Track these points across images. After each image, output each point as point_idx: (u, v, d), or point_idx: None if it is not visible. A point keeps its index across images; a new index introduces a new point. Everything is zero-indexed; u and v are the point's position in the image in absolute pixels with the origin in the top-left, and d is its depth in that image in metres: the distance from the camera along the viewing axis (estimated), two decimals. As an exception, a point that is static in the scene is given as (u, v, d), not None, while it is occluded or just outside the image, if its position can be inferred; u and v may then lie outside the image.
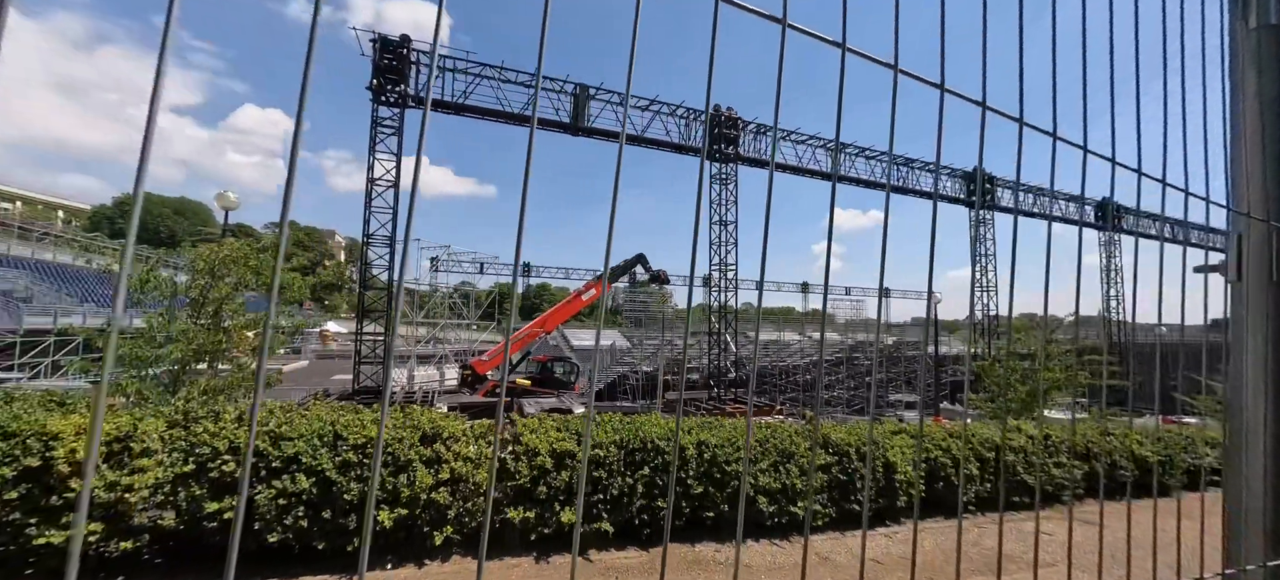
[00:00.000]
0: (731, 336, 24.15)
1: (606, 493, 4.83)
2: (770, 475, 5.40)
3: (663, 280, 25.25)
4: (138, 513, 3.66)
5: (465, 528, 4.54)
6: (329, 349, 33.81)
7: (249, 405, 4.74)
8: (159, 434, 3.90)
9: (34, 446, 3.55)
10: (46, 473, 3.55)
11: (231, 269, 7.71)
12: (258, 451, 3.94)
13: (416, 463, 4.33)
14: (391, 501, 4.21)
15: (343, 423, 4.36)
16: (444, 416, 4.93)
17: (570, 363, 22.67)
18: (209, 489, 3.81)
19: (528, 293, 73.75)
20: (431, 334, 26.24)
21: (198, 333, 6.93)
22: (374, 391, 18.35)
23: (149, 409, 4.29)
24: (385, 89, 19.91)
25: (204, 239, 8.17)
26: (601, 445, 4.92)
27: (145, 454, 3.79)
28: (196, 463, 3.84)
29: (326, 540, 4.01)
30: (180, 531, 3.79)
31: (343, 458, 4.12)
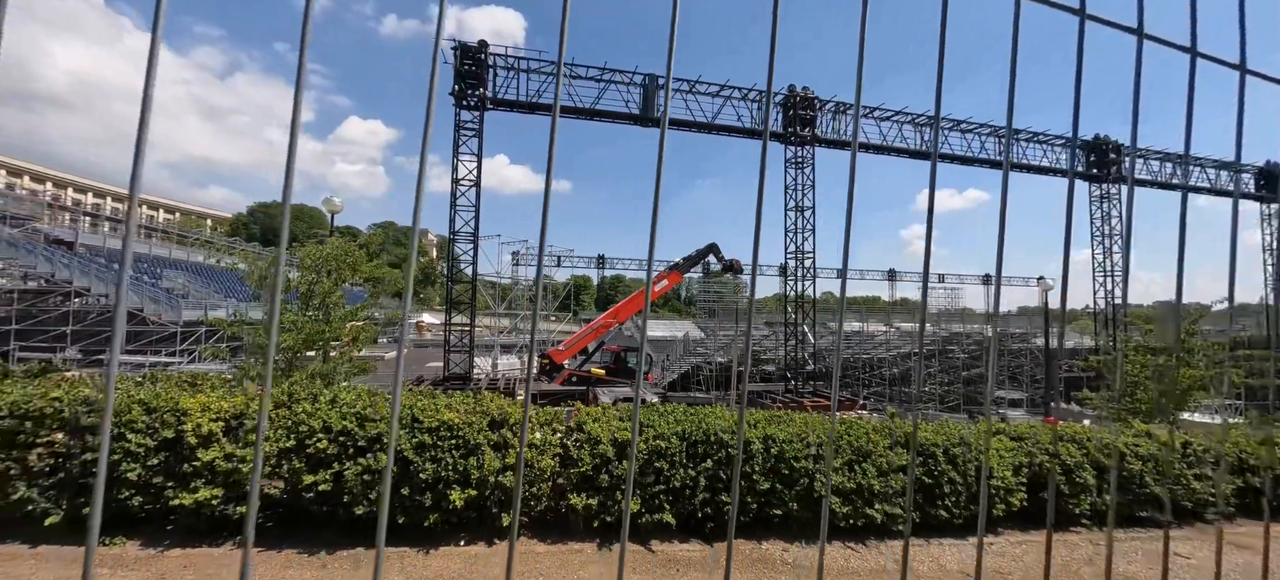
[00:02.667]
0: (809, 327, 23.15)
1: (668, 484, 4.77)
2: (844, 474, 5.07)
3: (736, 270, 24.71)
4: (247, 481, 4.12)
5: (531, 511, 4.69)
6: (424, 338, 36.65)
7: (341, 389, 5.20)
8: (268, 414, 4.37)
9: (170, 421, 4.12)
10: (179, 443, 4.10)
11: (334, 266, 8.52)
12: (345, 432, 4.30)
13: (485, 447, 4.53)
14: (463, 483, 4.43)
15: (419, 407, 4.65)
16: (511, 403, 5.11)
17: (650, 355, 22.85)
18: (306, 463, 4.22)
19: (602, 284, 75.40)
20: (513, 325, 27.56)
21: (306, 323, 7.74)
22: (462, 378, 19.62)
23: (256, 394, 4.82)
24: (466, 94, 21.04)
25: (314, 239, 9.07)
26: (663, 436, 4.86)
27: (256, 431, 4.27)
28: (297, 439, 4.27)
29: (406, 515, 4.30)
30: (285, 500, 4.24)
31: (419, 439, 4.39)
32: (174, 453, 4.08)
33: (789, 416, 5.61)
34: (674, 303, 51.85)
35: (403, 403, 4.75)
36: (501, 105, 22.22)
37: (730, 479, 4.85)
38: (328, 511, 4.27)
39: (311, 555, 4.05)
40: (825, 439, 5.19)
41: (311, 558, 4.02)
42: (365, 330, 8.65)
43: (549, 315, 28.57)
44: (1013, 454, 5.73)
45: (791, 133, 23.31)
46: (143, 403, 4.15)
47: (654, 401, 16.79)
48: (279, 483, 4.29)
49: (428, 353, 34.88)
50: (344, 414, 4.39)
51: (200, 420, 4.12)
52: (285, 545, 4.16)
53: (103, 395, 4.18)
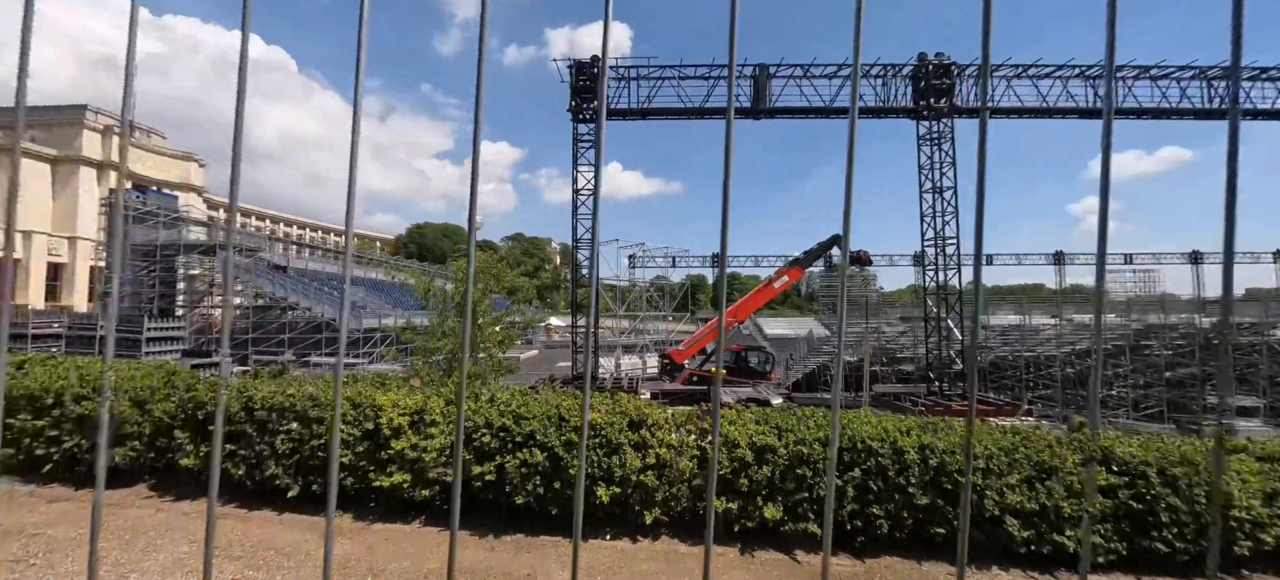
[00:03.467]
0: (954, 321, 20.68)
1: (812, 492, 4.56)
2: (1022, 492, 4.43)
3: (863, 262, 22.95)
4: (431, 469, 4.73)
5: (672, 511, 4.77)
6: (552, 340, 39.52)
7: (496, 388, 5.75)
8: (440, 410, 5.00)
9: (369, 414, 4.88)
10: (377, 434, 4.84)
11: (480, 277, 9.52)
12: (504, 428, 4.74)
13: (625, 446, 4.70)
14: (606, 479, 4.65)
15: (566, 406, 4.97)
16: (647, 404, 5.25)
17: (765, 352, 22.20)
18: (474, 456, 4.73)
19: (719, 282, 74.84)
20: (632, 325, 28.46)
21: (462, 329, 8.72)
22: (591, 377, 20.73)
23: (431, 390, 5.52)
24: (582, 108, 22.17)
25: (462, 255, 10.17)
26: (805, 442, 4.66)
27: (433, 425, 4.90)
28: (465, 434, 4.80)
29: (558, 507, 4.63)
30: (457, 487, 4.79)
31: (566, 437, 4.70)
32: (373, 441, 4.83)
33: (949, 424, 5.05)
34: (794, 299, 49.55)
35: (550, 402, 5.13)
36: (615, 115, 23.05)
37: (881, 491, 4.49)
38: (492, 499, 4.74)
39: (481, 538, 4.53)
40: (996, 449, 4.57)
41: (481, 540, 4.50)
42: (509, 334, 9.52)
43: (667, 315, 29.04)
44: (1261, 479, 4.57)
45: (924, 106, 21.05)
46: (350, 399, 4.97)
47: (777, 403, 16.22)
48: (448, 472, 4.87)
49: (556, 353, 37.42)
50: (502, 412, 4.85)
51: (391, 415, 4.82)
52: (462, 527, 4.70)
53: (328, 391, 5.08)
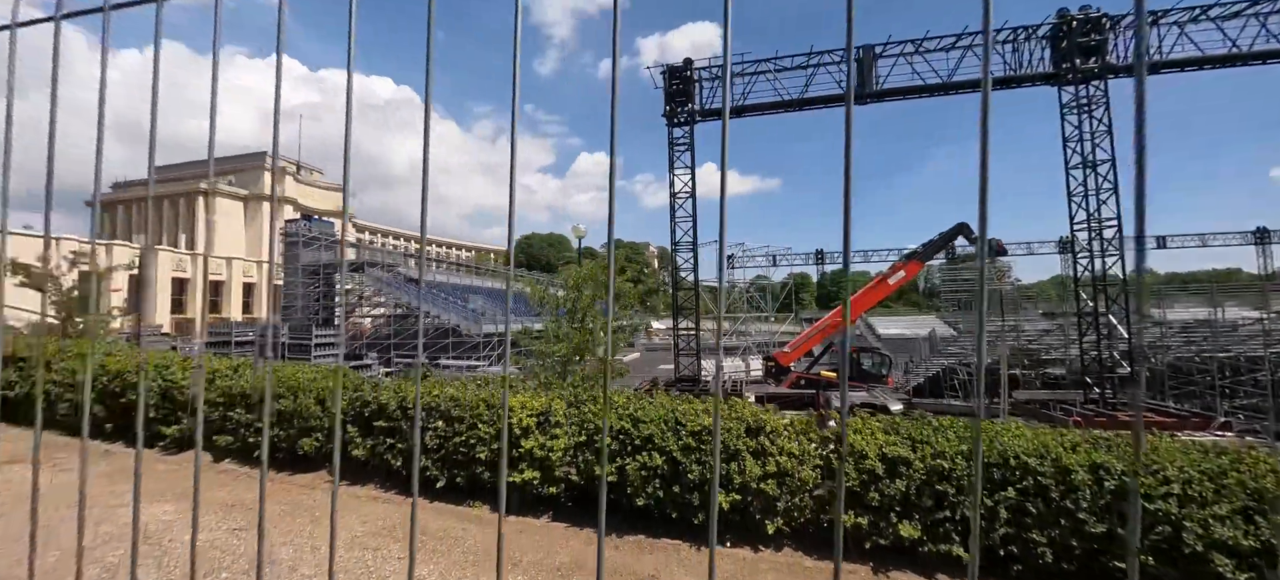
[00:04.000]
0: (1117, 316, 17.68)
1: (955, 512, 4.14)
2: (1234, 525, 3.66)
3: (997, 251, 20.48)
4: (557, 467, 5.02)
5: (794, 522, 4.60)
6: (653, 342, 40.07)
7: (618, 392, 5.95)
8: (563, 412, 5.28)
9: (501, 414, 5.30)
10: (508, 432, 5.24)
11: (588, 284, 9.96)
12: (623, 431, 4.89)
13: (744, 453, 4.63)
14: (725, 485, 4.60)
15: (681, 411, 5.01)
16: (764, 410, 5.12)
17: (880, 354, 20.67)
18: (595, 457, 4.93)
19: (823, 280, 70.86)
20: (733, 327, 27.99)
21: (573, 334, 9.20)
22: (691, 379, 20.71)
23: (555, 393, 5.86)
24: (676, 112, 22.29)
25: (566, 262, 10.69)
26: (945, 455, 4.25)
27: (557, 426, 5.19)
28: (586, 435, 5.03)
29: (677, 511, 4.67)
30: (582, 485, 5.03)
31: (684, 442, 4.73)
32: (509, 440, 5.23)
33: (1121, 438, 4.33)
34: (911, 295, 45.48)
35: (664, 405, 5.20)
36: (710, 116, 22.88)
37: (1044, 514, 3.96)
38: (614, 499, 4.91)
39: (605, 536, 4.71)
40: (1197, 473, 3.82)
41: (606, 539, 4.68)
42: (618, 338, 9.83)
43: (769, 316, 28.15)
44: None
45: (1068, 69, 18.28)
46: (484, 400, 5.44)
47: (896, 409, 14.97)
48: (574, 472, 5.13)
49: (658, 356, 37.92)
50: (620, 415, 5.01)
51: (521, 416, 5.20)
52: (585, 524, 4.94)
53: (465, 391, 5.61)
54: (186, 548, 4.17)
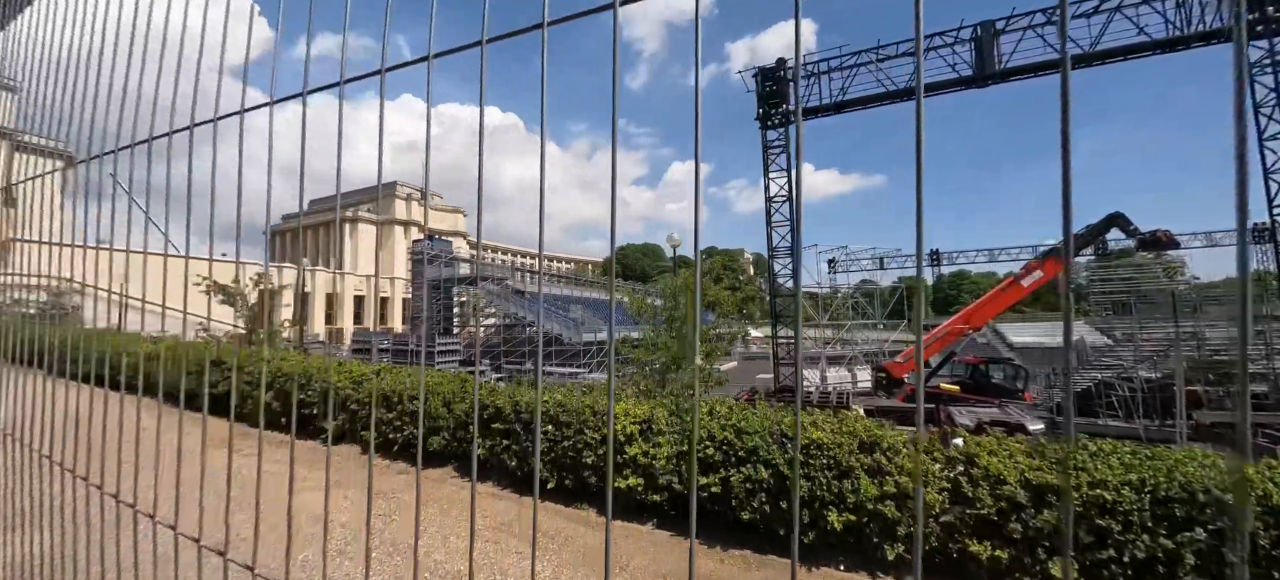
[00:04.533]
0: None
1: (1123, 552, 3.54)
2: None
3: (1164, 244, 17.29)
4: (661, 475, 5.07)
5: (917, 548, 4.22)
6: (750, 351, 39.06)
7: (713, 400, 5.89)
8: (665, 420, 5.33)
9: (606, 420, 5.47)
10: (615, 439, 5.40)
11: (685, 292, 9.96)
12: (727, 441, 4.82)
13: (858, 470, 4.34)
14: (838, 504, 4.35)
15: (787, 423, 4.83)
16: (878, 425, 4.77)
17: (1014, 365, 18.35)
18: (699, 467, 4.91)
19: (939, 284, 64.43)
20: (837, 335, 26.42)
21: (671, 343, 9.25)
22: (793, 390, 19.88)
23: (656, 401, 5.94)
24: (770, 114, 21.69)
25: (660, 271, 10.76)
26: (1106, 484, 3.66)
27: (660, 434, 5.25)
28: (690, 445, 5.03)
29: (785, 528, 4.49)
30: (685, 495, 5.03)
31: (792, 455, 4.55)
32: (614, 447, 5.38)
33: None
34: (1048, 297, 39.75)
35: (768, 417, 5.04)
36: (807, 114, 21.97)
37: (1237, 564, 3.25)
38: (718, 511, 4.85)
39: (710, 548, 4.66)
40: None
41: (710, 550, 4.63)
42: (716, 347, 9.73)
43: (877, 323, 26.18)
44: None
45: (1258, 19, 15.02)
46: (589, 406, 5.66)
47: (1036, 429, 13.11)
48: (676, 481, 5.14)
49: (755, 365, 36.90)
50: (723, 425, 4.95)
51: (624, 423, 5.33)
52: (688, 534, 4.92)
53: (571, 397, 5.88)
54: (343, 528, 4.80)
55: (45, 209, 2.19)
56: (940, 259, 37.25)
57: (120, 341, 2.24)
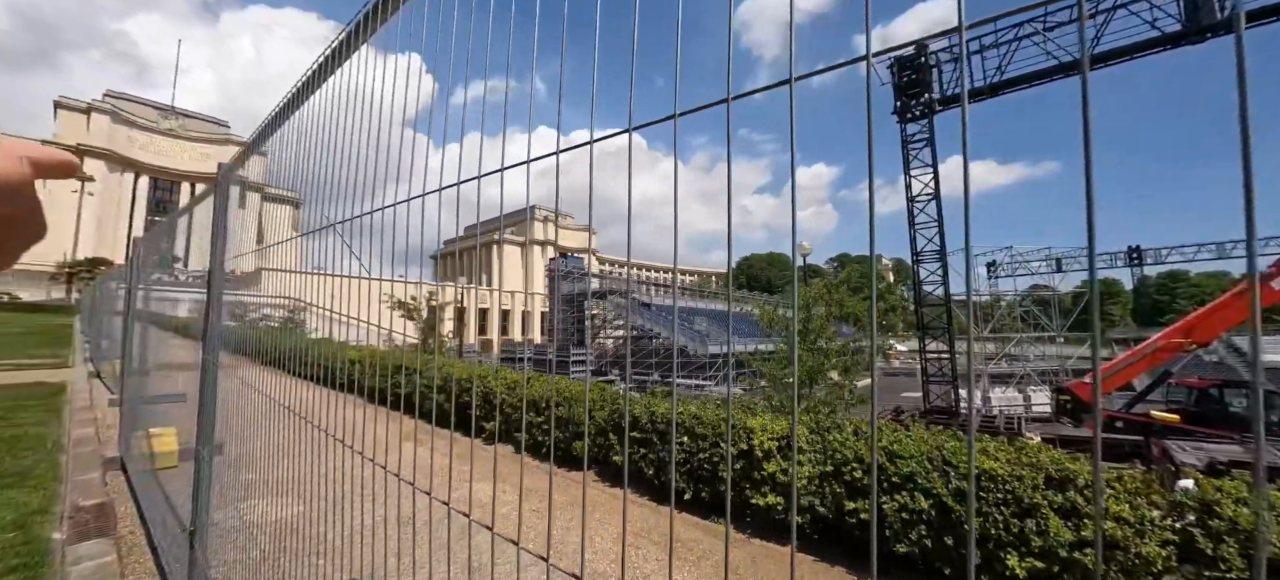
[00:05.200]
0: None
1: None
2: None
3: None
4: (802, 495, 4.87)
5: (1133, 610, 3.51)
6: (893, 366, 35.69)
7: (857, 419, 5.52)
8: (805, 438, 5.12)
9: (742, 436, 5.41)
10: (751, 455, 5.31)
11: (818, 303, 9.49)
12: (878, 465, 4.47)
13: (1045, 508, 3.75)
14: (1018, 545, 3.79)
15: (950, 449, 4.35)
16: (1071, 457, 4.07)
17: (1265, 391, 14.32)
18: (846, 490, 4.63)
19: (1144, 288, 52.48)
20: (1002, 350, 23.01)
21: (806, 357, 8.86)
22: (945, 412, 17.70)
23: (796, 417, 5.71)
24: (909, 106, 19.81)
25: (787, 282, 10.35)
26: None
27: (800, 452, 5.05)
28: (834, 465, 4.77)
29: (952, 567, 4.03)
30: (828, 519, 4.77)
31: (956, 485, 4.08)
32: (748, 461, 5.31)
33: None
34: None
35: (928, 441, 4.58)
36: (951, 102, 19.72)
37: None
38: (865, 539, 4.51)
39: (860, 579, 4.35)
40: None
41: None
42: (854, 362, 9.09)
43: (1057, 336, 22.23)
44: None
45: None
46: (724, 419, 5.64)
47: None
48: (819, 503, 4.89)
49: (898, 381, 33.59)
50: (872, 446, 4.60)
51: (761, 439, 5.22)
52: (834, 560, 4.65)
53: (706, 410, 5.93)
54: (503, 518, 5.35)
55: (281, 242, 2.81)
56: (1142, 256, 30.58)
57: (331, 349, 2.81)
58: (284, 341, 2.80)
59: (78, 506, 4.19)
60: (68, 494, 4.57)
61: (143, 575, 3.48)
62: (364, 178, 1.75)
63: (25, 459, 5.43)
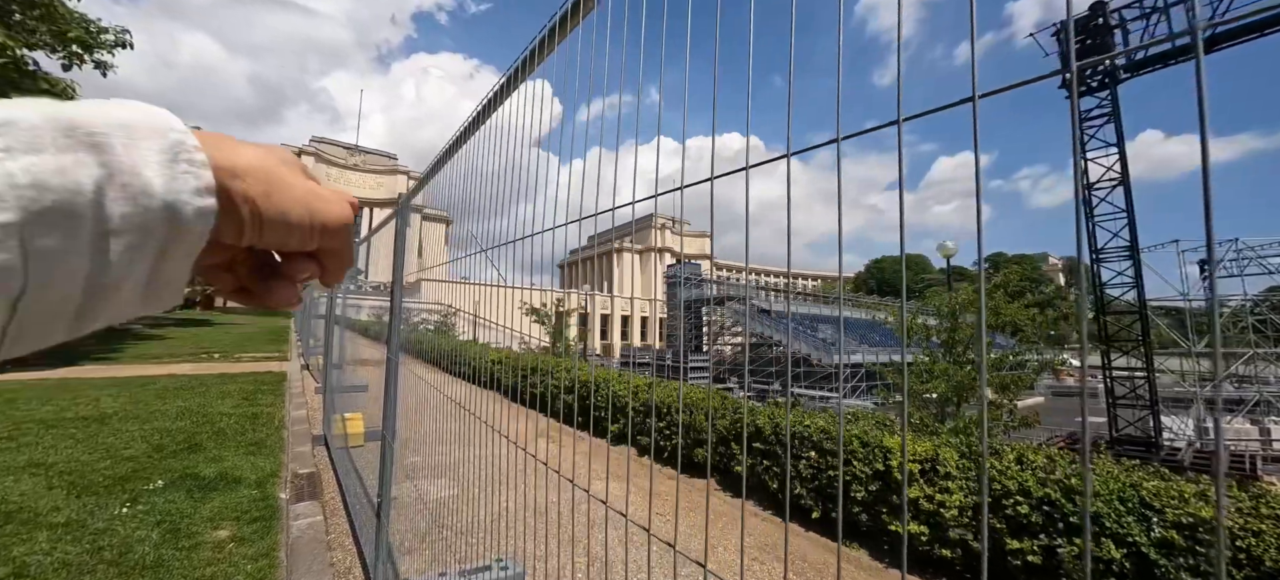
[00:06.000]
0: None
1: None
2: None
3: None
4: (951, 528, 4.35)
5: None
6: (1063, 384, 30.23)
7: (1021, 445, 4.79)
8: (955, 463, 4.56)
9: (878, 456, 4.99)
10: (887, 476, 4.88)
11: (967, 310, 8.39)
12: (1048, 501, 3.84)
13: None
14: (1260, 620, 2.99)
15: (1149, 488, 3.59)
16: (1344, 514, 3.12)
17: None
18: (1006, 525, 4.03)
19: None
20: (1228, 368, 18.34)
21: (953, 371, 7.88)
22: (1140, 442, 14.57)
23: (942, 439, 5.14)
24: (1084, 76, 16.78)
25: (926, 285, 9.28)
26: None
27: (948, 478, 4.52)
28: (991, 496, 4.18)
29: (1156, 633, 3.31)
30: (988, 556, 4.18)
31: (1161, 535, 3.35)
32: (884, 484, 4.88)
33: None
34: None
35: (1118, 478, 3.83)
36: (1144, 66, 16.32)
37: None
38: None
39: (1028, 630, 3.76)
40: None
41: (1029, 633, 3.73)
42: (1017, 378, 7.88)
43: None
44: None
45: None
46: (857, 436, 5.25)
47: None
48: (972, 537, 4.31)
49: (1071, 402, 28.49)
50: (1042, 479, 3.96)
51: (901, 459, 4.76)
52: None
53: (836, 425, 5.58)
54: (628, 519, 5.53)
55: (435, 256, 3.20)
56: None
57: (476, 350, 3.12)
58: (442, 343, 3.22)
59: (296, 474, 5.19)
60: (288, 463, 5.68)
61: (341, 534, 4.19)
62: (501, 194, 1.95)
63: (262, 432, 6.86)
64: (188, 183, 0.29)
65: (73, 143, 0.26)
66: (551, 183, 1.55)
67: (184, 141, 0.30)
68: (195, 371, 12.39)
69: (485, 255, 2.17)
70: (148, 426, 6.87)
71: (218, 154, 0.32)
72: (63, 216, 0.24)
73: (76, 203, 0.25)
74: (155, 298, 0.31)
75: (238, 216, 0.32)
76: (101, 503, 4.26)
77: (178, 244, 0.29)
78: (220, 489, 4.69)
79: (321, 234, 0.37)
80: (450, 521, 3.64)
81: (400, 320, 2.76)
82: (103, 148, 0.26)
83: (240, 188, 0.32)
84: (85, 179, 0.25)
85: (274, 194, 0.34)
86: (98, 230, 0.26)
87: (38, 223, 0.24)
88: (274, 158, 0.35)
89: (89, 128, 0.26)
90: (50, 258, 0.24)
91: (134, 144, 0.28)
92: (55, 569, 3.22)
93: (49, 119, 0.25)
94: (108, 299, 0.28)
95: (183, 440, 6.28)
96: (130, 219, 0.27)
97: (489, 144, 1.98)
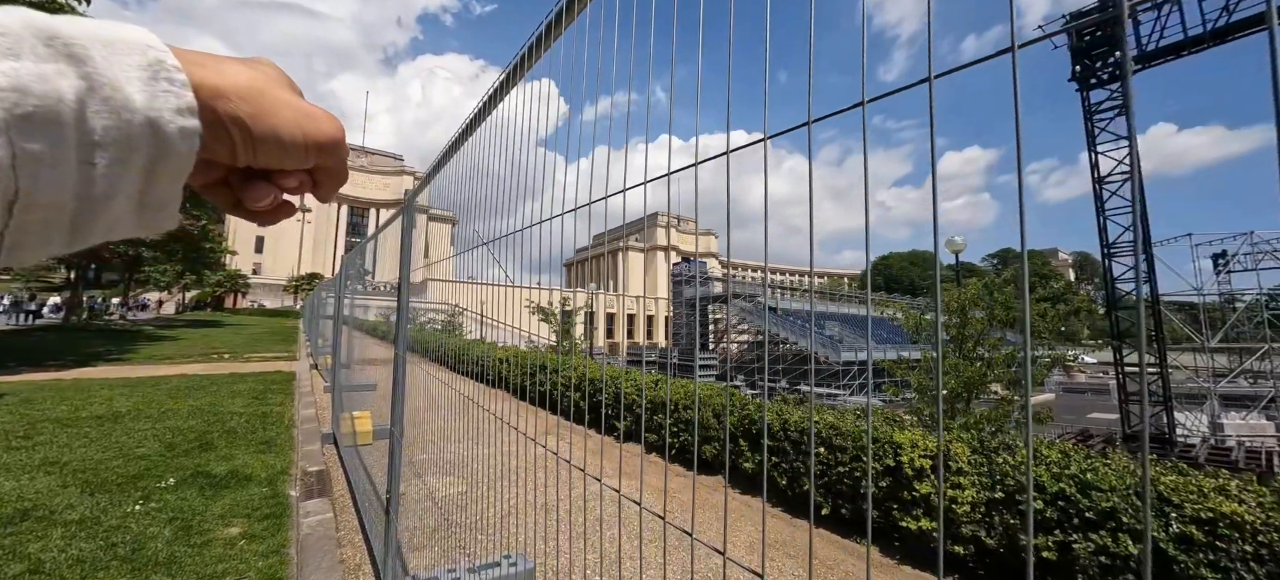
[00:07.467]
0: None
1: None
2: None
3: None
4: (963, 524, 4.30)
5: None
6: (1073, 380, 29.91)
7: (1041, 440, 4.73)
8: (967, 458, 4.51)
9: (888, 451, 4.94)
10: (898, 472, 4.83)
11: (976, 306, 8.31)
12: (1065, 496, 3.79)
13: (1327, 572, 2.85)
14: (1283, 617, 2.93)
15: (1168, 482, 3.53)
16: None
17: None
18: (1021, 521, 3.98)
19: None
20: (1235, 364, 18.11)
21: (963, 367, 7.81)
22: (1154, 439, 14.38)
23: (953, 434, 5.08)
24: (1093, 69, 16.61)
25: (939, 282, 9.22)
26: None
27: (960, 473, 4.47)
28: (1004, 492, 4.14)
29: (1175, 630, 3.25)
30: (1001, 553, 4.15)
31: (1180, 530, 3.29)
32: (895, 479, 4.84)
33: None
34: None
35: (1131, 470, 3.77)
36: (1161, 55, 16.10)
37: None
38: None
39: (1042, 627, 3.71)
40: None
41: (1044, 631, 3.68)
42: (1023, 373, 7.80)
43: (1332, 348, 16.77)
44: None
45: None
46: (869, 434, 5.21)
47: None
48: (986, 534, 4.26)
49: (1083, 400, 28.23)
50: (1056, 474, 3.91)
51: (912, 455, 4.72)
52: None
53: (844, 421, 5.54)
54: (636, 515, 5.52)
55: (445, 259, 3.20)
56: None
57: (483, 349, 3.12)
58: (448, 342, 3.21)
59: (305, 471, 5.22)
60: (298, 461, 5.71)
61: (351, 531, 4.21)
62: (506, 194, 1.93)
63: (272, 431, 6.90)
64: (169, 101, 0.28)
65: (52, 52, 0.25)
66: (556, 183, 1.54)
67: (163, 60, 0.29)
68: (206, 371, 12.51)
69: (491, 255, 2.16)
70: (160, 425, 6.94)
71: (202, 73, 0.31)
72: (46, 122, 0.24)
73: (60, 111, 0.25)
74: (151, 219, 0.31)
75: (228, 137, 0.32)
76: (115, 500, 4.30)
77: (164, 164, 0.29)
78: (231, 487, 4.72)
79: (316, 152, 0.37)
80: (459, 518, 3.65)
81: (407, 319, 2.76)
82: (82, 60, 0.26)
83: (228, 109, 0.32)
84: (66, 89, 0.25)
85: (265, 115, 0.33)
86: (82, 140, 0.26)
87: (23, 126, 0.24)
88: (263, 77, 0.34)
89: (68, 39, 0.26)
90: (39, 162, 0.24)
91: (114, 58, 0.27)
92: (70, 565, 3.25)
93: (28, 26, 0.25)
94: (99, 212, 0.28)
95: (194, 439, 6.34)
96: (112, 132, 0.27)
97: (493, 143, 1.96)
